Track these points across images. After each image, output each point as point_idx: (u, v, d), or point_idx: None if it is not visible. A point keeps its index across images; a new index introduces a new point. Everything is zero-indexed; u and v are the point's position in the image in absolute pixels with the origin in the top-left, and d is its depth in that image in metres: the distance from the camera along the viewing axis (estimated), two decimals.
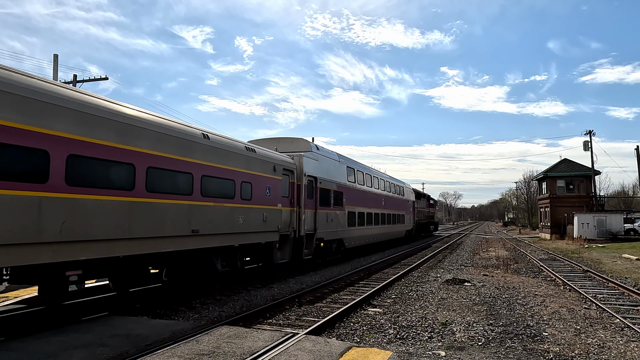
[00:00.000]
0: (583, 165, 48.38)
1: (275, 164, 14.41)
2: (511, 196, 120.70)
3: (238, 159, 12.28)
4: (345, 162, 21.94)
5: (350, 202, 21.33)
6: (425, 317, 9.82)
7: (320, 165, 18.16)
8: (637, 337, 8.41)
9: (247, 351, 6.36)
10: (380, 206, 27.34)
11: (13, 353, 6.11)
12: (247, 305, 10.89)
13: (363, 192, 24.03)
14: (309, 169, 16.79)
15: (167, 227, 9.58)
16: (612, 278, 16.13)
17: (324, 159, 18.77)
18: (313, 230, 17.14)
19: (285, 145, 17.47)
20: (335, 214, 19.48)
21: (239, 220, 12.18)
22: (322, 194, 18.01)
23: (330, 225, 18.82)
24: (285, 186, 15.12)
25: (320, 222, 17.57)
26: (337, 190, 19.73)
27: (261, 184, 13.39)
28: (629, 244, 32.91)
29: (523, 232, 68.79)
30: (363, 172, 24.56)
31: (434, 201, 61.14)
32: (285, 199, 15.13)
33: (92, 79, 28.60)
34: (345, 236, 20.83)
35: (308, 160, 16.91)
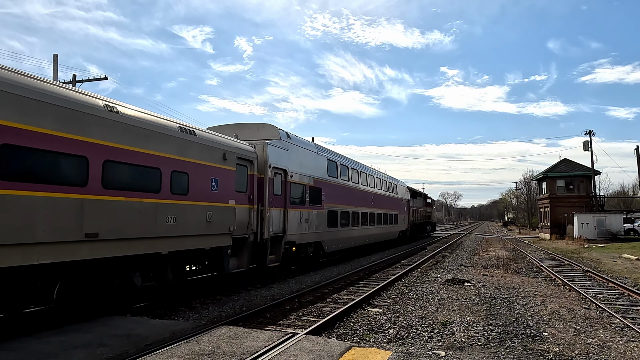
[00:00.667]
0: (583, 165, 48.41)
1: (226, 151, 11.77)
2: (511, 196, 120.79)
3: (166, 142, 9.64)
4: (326, 154, 19.43)
5: (331, 200, 18.95)
6: (425, 317, 9.82)
7: (292, 156, 15.61)
8: (637, 337, 8.41)
9: (247, 351, 6.36)
10: (369, 205, 24.96)
11: (13, 353, 6.11)
12: (247, 305, 10.89)
13: (348, 189, 21.55)
14: (275, 160, 14.19)
15: (41, 229, 7.02)
16: (612, 278, 16.13)
17: (296, 150, 16.13)
18: (281, 232, 14.53)
19: (250, 132, 14.86)
20: (312, 214, 16.99)
21: (168, 221, 9.60)
22: (294, 189, 15.56)
23: (304, 227, 16.27)
24: (241, 179, 12.52)
25: (290, 222, 15.04)
26: (313, 186, 17.24)
27: (204, 175, 10.87)
28: (629, 244, 32.92)
29: (523, 232, 68.79)
30: (348, 167, 22.01)
31: (431, 200, 58.80)
32: (242, 195, 12.50)
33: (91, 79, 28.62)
34: (324, 239, 18.32)
35: (274, 149, 14.25)
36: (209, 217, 11.02)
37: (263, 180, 13.58)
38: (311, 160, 17.42)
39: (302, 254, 16.61)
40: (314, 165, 17.60)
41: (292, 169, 15.38)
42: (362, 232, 23.58)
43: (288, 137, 15.81)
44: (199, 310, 10.23)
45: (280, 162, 14.57)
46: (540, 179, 53.93)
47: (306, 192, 16.57)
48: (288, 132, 16.11)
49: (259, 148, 13.74)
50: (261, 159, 13.65)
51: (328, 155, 19.70)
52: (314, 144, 18.64)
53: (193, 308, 10.41)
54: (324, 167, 18.60)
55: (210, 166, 11.19)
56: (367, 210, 24.40)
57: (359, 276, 16.50)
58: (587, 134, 46.04)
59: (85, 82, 28.20)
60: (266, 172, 13.66)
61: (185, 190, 10.26)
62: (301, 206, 16.13)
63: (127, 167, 8.66)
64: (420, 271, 18.10)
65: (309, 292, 12.59)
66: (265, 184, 13.61)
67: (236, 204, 12.20)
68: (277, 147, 14.59)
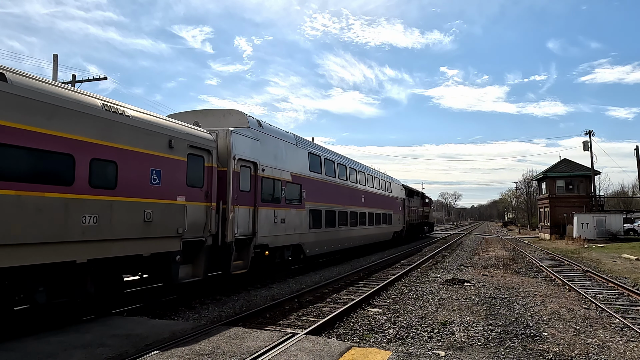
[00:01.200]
0: (583, 165, 48.42)
1: (173, 137, 9.88)
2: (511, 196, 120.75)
3: (84, 123, 7.86)
4: (307, 147, 17.47)
5: (313, 198, 17.09)
6: (425, 317, 9.82)
7: (265, 147, 13.68)
8: (637, 337, 8.41)
9: (247, 351, 6.36)
10: (360, 204, 23.14)
11: (13, 353, 6.11)
12: (247, 305, 10.88)
13: (334, 186, 19.57)
14: (242, 151, 12.28)
15: None
16: (612, 278, 16.13)
17: (270, 140, 14.18)
18: (250, 234, 12.59)
19: (215, 119, 13.05)
20: (289, 213, 15.10)
21: (85, 221, 7.76)
22: (267, 185, 13.63)
23: (279, 228, 14.32)
24: (196, 172, 10.71)
25: (262, 223, 13.13)
26: (291, 182, 15.29)
27: (140, 165, 8.96)
28: (629, 244, 32.92)
29: (523, 232, 68.80)
30: (334, 162, 20.02)
31: (428, 199, 56.44)
32: (196, 191, 10.66)
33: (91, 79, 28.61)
34: (305, 241, 16.35)
35: (241, 138, 12.37)
36: (147, 216, 9.06)
37: (226, 174, 11.68)
38: (289, 153, 15.47)
39: (277, 258, 14.74)
40: (292, 158, 15.67)
41: (264, 161, 13.44)
42: (351, 233, 21.71)
43: (259, 126, 13.82)
44: (198, 310, 10.23)
45: (248, 154, 12.60)
46: (540, 179, 53.95)
47: (282, 189, 14.64)
48: (260, 120, 14.18)
49: (222, 137, 11.86)
50: (223, 150, 11.76)
51: (310, 148, 17.76)
52: (293, 135, 16.58)
53: (193, 308, 10.40)
54: (304, 161, 16.73)
55: (150, 155, 9.26)
56: (357, 209, 22.60)
57: (359, 276, 16.50)
58: (587, 134, 46.08)
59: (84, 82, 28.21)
60: (230, 165, 11.75)
61: (112, 184, 8.34)
62: (275, 204, 14.18)
63: (18, 152, 6.80)
64: (420, 271, 18.09)
65: (309, 292, 12.59)
66: (228, 179, 11.67)
67: (188, 201, 10.29)
68: (245, 137, 12.62)
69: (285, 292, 12.75)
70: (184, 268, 10.47)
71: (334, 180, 19.75)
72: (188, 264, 10.68)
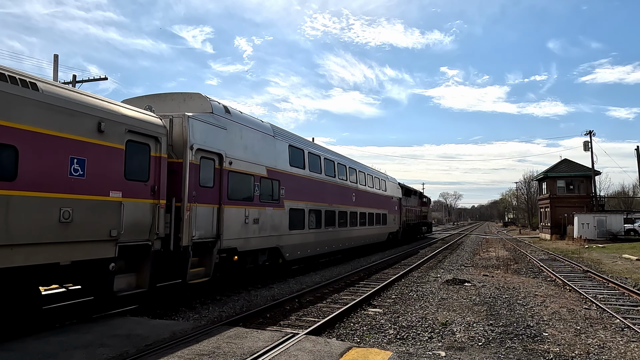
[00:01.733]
0: (583, 165, 48.40)
1: (104, 119, 8.16)
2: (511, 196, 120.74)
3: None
4: (288, 139, 15.70)
5: (295, 196, 15.50)
6: (425, 317, 9.81)
7: (233, 137, 12.12)
8: (637, 337, 8.40)
9: (247, 351, 6.35)
10: (350, 203, 21.50)
11: (13, 353, 6.11)
12: (247, 305, 10.88)
13: (319, 183, 17.93)
14: (203, 140, 10.73)
15: None
16: (612, 278, 16.12)
17: (240, 130, 12.56)
18: (213, 236, 11.08)
19: (174, 104, 11.60)
20: (264, 213, 13.47)
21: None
22: (236, 181, 12.06)
23: (251, 229, 12.73)
24: (138, 163, 9.03)
25: (229, 224, 11.59)
26: (267, 177, 13.69)
27: (53, 151, 7.30)
28: (629, 244, 32.89)
29: (523, 233, 68.76)
30: (320, 157, 18.37)
31: (427, 199, 54.42)
32: (138, 185, 8.94)
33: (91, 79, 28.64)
34: (284, 243, 14.76)
35: (201, 125, 10.79)
36: (64, 215, 7.38)
37: (181, 166, 10.08)
38: (264, 145, 13.86)
39: (249, 263, 13.11)
40: (268, 151, 14.05)
41: (231, 153, 11.88)
42: (339, 234, 20.08)
43: (226, 112, 12.16)
44: (199, 310, 10.23)
45: (211, 144, 11.05)
46: (540, 179, 53.91)
47: (255, 185, 12.99)
48: (228, 106, 12.52)
49: (177, 123, 10.31)
50: (179, 138, 10.23)
51: (291, 140, 16.06)
52: (270, 125, 14.82)
53: (193, 308, 10.40)
54: (284, 154, 15.10)
55: (69, 139, 7.56)
56: (346, 208, 20.99)
57: (359, 276, 16.49)
58: (588, 134, 46.07)
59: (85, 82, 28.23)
60: (186, 156, 10.13)
61: (10, 174, 6.65)
62: (247, 203, 12.56)
63: None
64: (420, 271, 18.09)
65: (309, 292, 12.58)
66: (184, 172, 10.06)
67: (126, 197, 8.53)
68: (206, 123, 11.04)
69: (286, 292, 12.75)
70: (122, 278, 8.74)
71: (320, 177, 18.10)
72: (129, 273, 9.01)
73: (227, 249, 11.62)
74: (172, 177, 9.90)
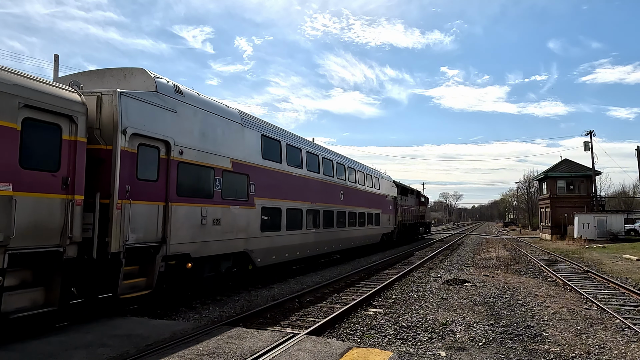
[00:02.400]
0: (583, 165, 48.42)
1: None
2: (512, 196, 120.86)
3: None
4: (259, 128, 13.78)
5: (268, 193, 13.68)
6: (425, 317, 9.82)
7: (186, 122, 10.38)
8: (638, 337, 8.40)
9: (248, 351, 6.36)
10: (336, 201, 19.67)
11: (13, 353, 6.12)
12: (248, 305, 10.89)
13: (300, 179, 16.12)
14: (142, 123, 8.99)
15: None
16: (613, 278, 16.12)
17: (195, 114, 10.80)
18: (157, 240, 9.25)
19: (113, 81, 9.93)
20: (228, 212, 11.68)
21: None
22: (189, 174, 10.33)
23: (211, 231, 10.98)
24: (41, 147, 7.34)
25: (179, 225, 9.82)
26: (232, 171, 11.95)
27: None
28: (630, 244, 32.88)
29: (523, 233, 68.76)
30: (301, 150, 16.55)
31: (425, 198, 52.28)
32: (42, 176, 7.23)
33: None
34: (255, 247, 12.89)
35: (139, 105, 9.03)
36: None
37: (110, 154, 8.36)
38: (229, 133, 12.07)
39: (207, 271, 11.28)
40: (235, 141, 12.27)
41: (183, 141, 10.16)
42: (323, 236, 18.12)
43: (177, 93, 10.38)
44: (199, 310, 10.23)
45: (154, 128, 9.34)
46: (540, 179, 53.91)
47: (216, 180, 11.31)
48: (180, 85, 10.75)
49: (106, 101, 8.50)
50: (108, 120, 8.45)
51: (265, 130, 14.13)
52: (237, 112, 12.95)
53: (193, 308, 10.41)
54: (255, 145, 13.29)
55: None
56: (333, 207, 19.19)
57: (360, 276, 16.49)
58: (588, 134, 46.08)
59: None
60: (117, 141, 8.39)
61: None
62: (204, 200, 10.82)
63: None
64: (420, 271, 18.09)
65: (310, 292, 12.58)
66: (113, 161, 8.34)
67: (20, 190, 6.84)
68: (147, 104, 9.30)
69: (286, 292, 12.76)
70: (17, 295, 6.85)
71: (301, 172, 16.29)
72: (33, 288, 7.17)
73: (176, 255, 9.81)
74: (98, 168, 8.25)
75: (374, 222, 26.00)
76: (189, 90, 11.09)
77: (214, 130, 11.44)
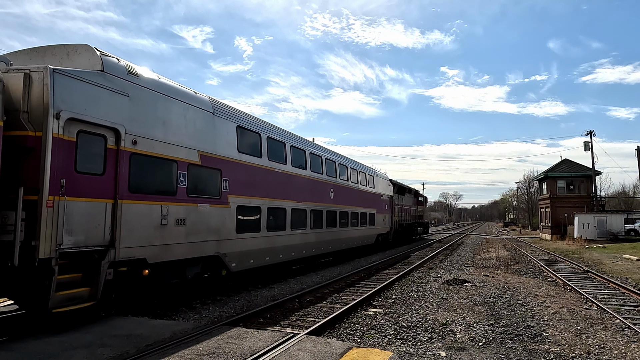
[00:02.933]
0: (583, 165, 48.42)
1: None
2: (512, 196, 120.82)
3: None
4: (235, 118, 12.49)
5: (244, 190, 12.43)
6: (425, 317, 9.82)
7: (140, 108, 9.08)
8: (638, 337, 8.41)
9: (248, 351, 6.36)
10: (326, 200, 18.45)
11: (13, 353, 6.12)
12: (248, 305, 10.89)
13: (284, 176, 14.79)
14: (81, 107, 7.85)
15: None
16: (613, 278, 16.12)
17: (153, 99, 9.50)
18: (104, 244, 8.08)
19: (55, 60, 8.67)
20: (195, 211, 10.40)
21: None
22: (145, 167, 9.10)
23: (173, 233, 9.67)
24: None
25: (132, 226, 8.58)
26: (200, 165, 10.69)
27: None
28: (630, 244, 32.88)
29: (523, 233, 68.76)
30: (285, 144, 15.22)
31: (423, 198, 50.66)
32: None
33: None
34: (228, 250, 11.63)
35: (77, 85, 7.87)
36: None
37: (40, 141, 7.25)
38: (199, 123, 10.86)
39: (170, 278, 10.01)
40: (204, 132, 11.04)
41: (137, 129, 8.90)
42: (310, 237, 16.84)
43: (130, 74, 9.07)
44: (199, 310, 10.23)
45: (98, 113, 8.15)
46: (540, 179, 53.90)
47: (180, 174, 10.03)
48: (132, 65, 9.39)
49: (36, 79, 7.39)
50: (38, 102, 7.33)
51: (242, 121, 12.83)
52: (208, 99, 11.69)
53: (193, 308, 10.41)
54: (230, 137, 12.02)
55: None
56: (322, 207, 17.97)
57: (360, 276, 16.49)
58: (588, 134, 46.08)
59: None
60: (48, 127, 7.27)
61: None
62: (166, 197, 9.56)
63: None
64: (420, 271, 18.09)
65: (310, 292, 12.58)
66: (43, 150, 7.23)
67: None
68: (90, 84, 8.10)
69: (286, 292, 12.76)
70: None
71: (284, 168, 14.95)
72: None
73: (128, 261, 8.59)
74: (24, 158, 7.21)
75: (368, 222, 24.84)
76: (147, 72, 9.82)
77: (178, 119, 10.19)
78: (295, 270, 16.89)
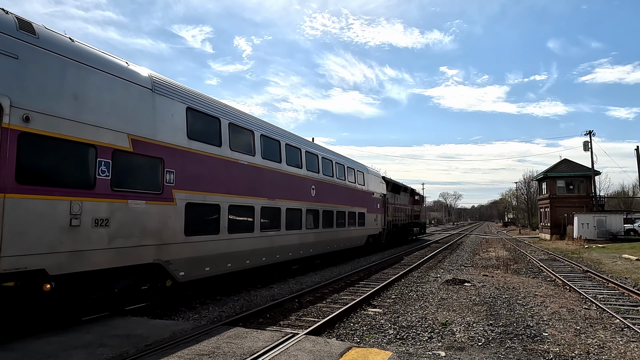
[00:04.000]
0: (583, 165, 48.44)
1: None
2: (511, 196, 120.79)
3: None
4: (184, 99, 10.57)
5: (197, 185, 10.56)
6: (425, 317, 9.82)
7: (37, 75, 7.20)
8: (637, 337, 8.41)
9: (247, 351, 6.36)
10: (306, 197, 16.57)
11: (13, 353, 6.12)
12: (247, 305, 10.89)
13: (251, 169, 12.86)
14: None
15: None
16: (612, 278, 16.13)
17: (60, 65, 7.59)
18: None
19: None
20: (124, 209, 8.50)
21: None
22: (45, 151, 7.21)
23: (90, 237, 7.78)
24: None
25: (23, 228, 6.74)
26: (133, 152, 8.78)
27: None
28: (629, 244, 32.91)
29: (523, 233, 68.79)
30: (253, 133, 13.24)
31: (419, 197, 47.80)
32: None
33: None
34: (173, 257, 9.71)
35: None
36: None
37: None
38: (130, 101, 8.96)
39: (89, 293, 8.18)
40: (139, 112, 9.14)
41: (33, 103, 7.03)
42: (285, 239, 14.88)
43: (21, 30, 7.14)
44: (199, 310, 10.24)
45: None
46: (540, 179, 53.93)
47: (101, 163, 8.11)
48: (30, 21, 7.46)
49: None
50: None
51: (194, 103, 10.97)
52: (148, 75, 9.73)
53: (193, 308, 10.41)
54: (176, 121, 10.11)
55: None
56: (300, 205, 16.04)
57: (359, 276, 16.50)
58: (587, 134, 46.09)
59: None
60: None
61: None
62: (78, 191, 7.66)
63: None
64: (420, 271, 18.09)
65: (309, 292, 12.59)
66: None
67: None
68: None
69: (286, 292, 12.76)
70: None
71: (252, 161, 12.98)
72: None
73: (15, 273, 6.68)
74: None
75: (357, 223, 22.81)
76: (51, 32, 7.80)
77: (99, 94, 8.25)
78: (294, 270, 16.89)
